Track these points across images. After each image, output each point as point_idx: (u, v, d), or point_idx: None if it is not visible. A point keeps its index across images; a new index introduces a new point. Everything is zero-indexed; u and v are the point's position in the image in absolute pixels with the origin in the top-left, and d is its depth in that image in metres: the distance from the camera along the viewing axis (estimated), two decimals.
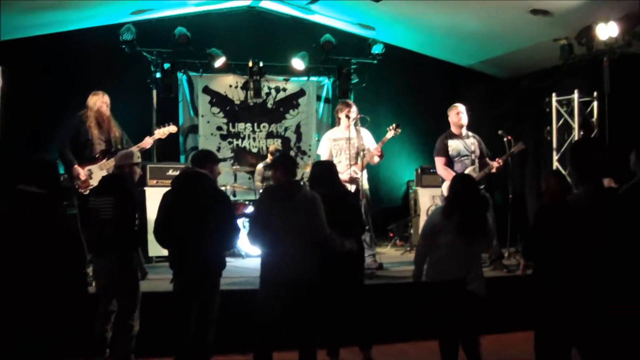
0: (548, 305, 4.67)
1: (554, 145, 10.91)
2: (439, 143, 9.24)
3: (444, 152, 9.16)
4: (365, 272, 7.36)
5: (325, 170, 6.76)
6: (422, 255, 6.19)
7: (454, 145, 9.15)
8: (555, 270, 4.56)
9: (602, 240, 4.38)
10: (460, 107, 9.22)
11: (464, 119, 9.18)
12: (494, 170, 9.01)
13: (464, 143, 9.18)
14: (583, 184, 4.56)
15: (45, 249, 4.70)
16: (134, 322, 6.23)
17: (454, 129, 9.24)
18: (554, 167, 10.77)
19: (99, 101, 8.72)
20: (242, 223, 9.85)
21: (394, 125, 9.05)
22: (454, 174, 8.59)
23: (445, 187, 8.99)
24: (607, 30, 9.51)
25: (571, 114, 10.70)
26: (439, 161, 9.18)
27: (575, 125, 10.59)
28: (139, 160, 6.90)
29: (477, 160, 9.17)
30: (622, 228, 4.44)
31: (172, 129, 9.21)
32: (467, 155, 9.15)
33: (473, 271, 5.93)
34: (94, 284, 6.40)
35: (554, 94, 10.96)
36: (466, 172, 8.76)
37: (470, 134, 9.27)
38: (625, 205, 4.61)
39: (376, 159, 9.12)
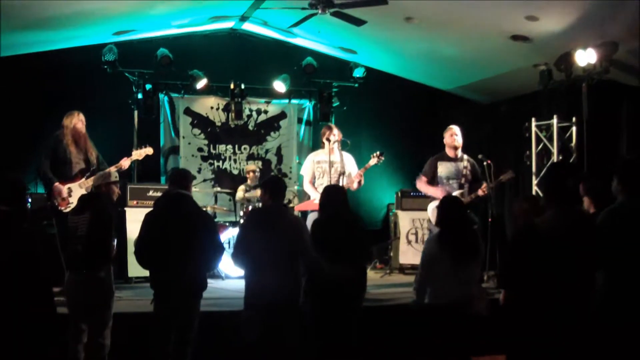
0: (519, 330, 4.69)
1: (534, 169, 10.97)
2: (428, 162, 9.30)
3: (430, 172, 9.20)
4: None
5: (333, 194, 6.70)
6: (423, 285, 6.15)
7: (443, 167, 9.17)
8: (525, 294, 4.58)
9: (568, 262, 4.40)
10: (455, 129, 9.24)
11: (458, 141, 9.19)
12: (480, 195, 9.05)
13: (455, 166, 9.19)
14: (551, 206, 4.59)
15: (10, 267, 4.67)
16: (105, 340, 6.19)
17: (448, 151, 9.26)
18: (534, 192, 10.84)
19: (74, 119, 8.77)
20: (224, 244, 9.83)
21: (377, 153, 9.06)
22: (433, 189, 8.97)
23: (430, 207, 9.10)
24: (585, 57, 9.61)
25: (550, 139, 10.78)
26: (421, 179, 9.26)
27: (555, 150, 10.67)
28: (117, 179, 6.90)
29: (466, 185, 9.17)
30: (590, 251, 4.46)
31: (148, 150, 9.28)
32: (456, 179, 9.16)
33: (473, 291, 5.95)
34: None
35: (533, 119, 11.04)
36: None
37: (465, 157, 9.28)
38: (598, 229, 4.63)
39: (355, 185, 9.11)
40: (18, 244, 4.78)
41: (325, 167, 9.07)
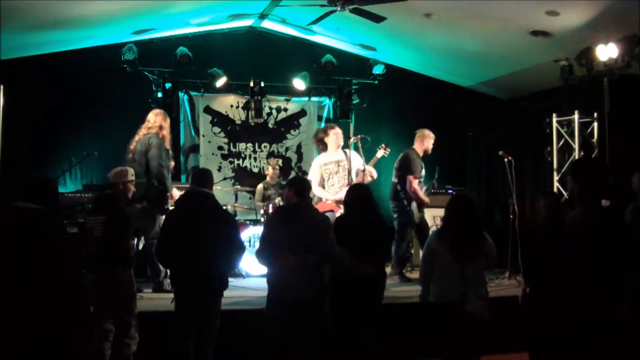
0: (543, 326, 4.65)
1: (555, 165, 10.92)
2: (417, 162, 9.84)
3: (420, 172, 9.82)
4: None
5: (358, 192, 6.69)
6: (425, 278, 6.20)
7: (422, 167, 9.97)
8: (551, 290, 4.54)
9: (598, 259, 4.35)
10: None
11: None
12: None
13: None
14: (584, 202, 4.54)
15: (43, 264, 4.68)
16: (131, 340, 6.22)
17: (420, 153, 9.98)
18: (555, 188, 10.79)
19: (169, 123, 9.16)
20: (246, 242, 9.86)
21: (383, 145, 9.24)
22: (423, 198, 9.80)
23: (416, 207, 9.92)
24: (606, 52, 9.55)
25: (571, 135, 10.72)
26: (416, 182, 9.77)
27: (576, 146, 10.61)
28: (133, 177, 6.92)
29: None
30: (619, 247, 4.41)
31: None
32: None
33: (473, 291, 5.92)
34: None
35: (554, 115, 10.99)
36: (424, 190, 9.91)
37: None
38: (626, 225, 4.59)
39: (368, 178, 9.25)
40: (50, 242, 4.80)
41: (332, 167, 9.16)
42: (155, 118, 9.04)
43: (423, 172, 9.81)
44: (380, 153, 9.20)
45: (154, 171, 8.64)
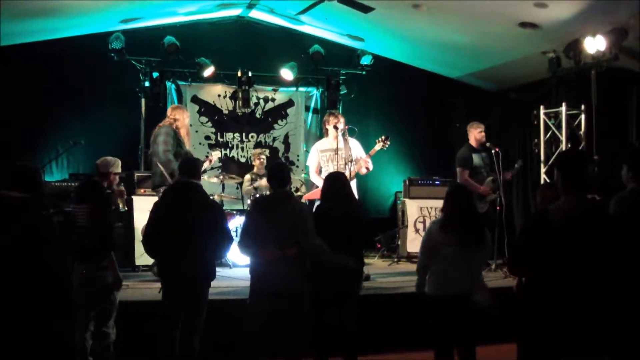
0: (532, 317, 4.65)
1: (542, 157, 10.94)
2: (465, 155, 9.81)
3: (470, 163, 9.75)
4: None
5: (335, 183, 6.66)
6: (424, 269, 6.06)
7: (475, 159, 9.81)
8: (539, 281, 4.54)
9: (583, 250, 4.35)
10: (482, 126, 9.93)
11: (484, 137, 9.90)
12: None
13: (481, 157, 9.87)
14: (567, 194, 4.54)
15: (28, 253, 4.67)
16: (110, 329, 6.21)
17: (474, 144, 9.88)
18: (542, 180, 10.80)
19: (186, 116, 9.13)
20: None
21: (382, 137, 9.09)
22: (475, 185, 9.54)
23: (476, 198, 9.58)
24: (594, 44, 9.57)
25: (559, 127, 10.74)
26: (465, 173, 9.70)
27: (563, 138, 10.62)
28: (119, 169, 6.87)
29: (491, 174, 9.79)
30: (605, 239, 4.41)
31: (218, 153, 10.49)
32: (482, 168, 9.84)
33: (476, 282, 5.92)
34: None
35: (542, 107, 11.00)
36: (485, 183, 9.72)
37: (487, 145, 9.88)
38: (612, 217, 4.60)
39: (364, 170, 9.15)
40: (36, 230, 4.78)
41: (330, 155, 9.09)
42: (171, 112, 9.03)
43: (478, 162, 9.81)
44: (378, 146, 9.07)
45: (160, 155, 8.58)
